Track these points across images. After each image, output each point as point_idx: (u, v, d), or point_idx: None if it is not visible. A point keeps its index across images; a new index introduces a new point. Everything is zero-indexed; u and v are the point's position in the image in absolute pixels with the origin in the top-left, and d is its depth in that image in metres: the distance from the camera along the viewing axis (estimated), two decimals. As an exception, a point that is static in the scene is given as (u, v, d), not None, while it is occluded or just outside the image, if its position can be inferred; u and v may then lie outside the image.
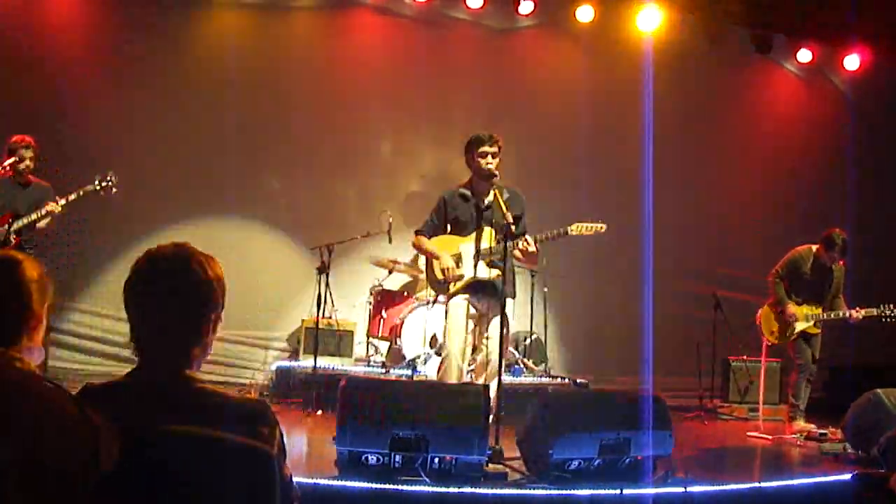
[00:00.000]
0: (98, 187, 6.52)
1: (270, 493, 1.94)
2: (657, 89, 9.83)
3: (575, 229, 5.44)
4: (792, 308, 7.31)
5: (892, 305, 7.18)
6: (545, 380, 8.17)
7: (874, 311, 7.18)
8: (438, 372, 5.73)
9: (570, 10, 9.46)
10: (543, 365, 8.62)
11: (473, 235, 5.62)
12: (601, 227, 5.48)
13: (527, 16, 9.55)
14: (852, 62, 10.18)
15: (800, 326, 7.32)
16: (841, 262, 7.35)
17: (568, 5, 9.49)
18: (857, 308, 7.26)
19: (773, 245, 7.74)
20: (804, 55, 10.28)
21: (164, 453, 1.84)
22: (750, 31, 10.01)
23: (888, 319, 7.19)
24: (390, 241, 8.15)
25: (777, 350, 7.82)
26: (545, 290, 8.71)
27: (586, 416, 4.89)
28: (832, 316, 7.30)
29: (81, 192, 6.44)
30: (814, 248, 7.34)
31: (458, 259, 5.64)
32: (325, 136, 9.07)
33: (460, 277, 5.59)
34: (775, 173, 10.21)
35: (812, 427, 7.17)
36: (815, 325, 7.33)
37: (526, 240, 5.41)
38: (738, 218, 10.01)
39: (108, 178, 6.53)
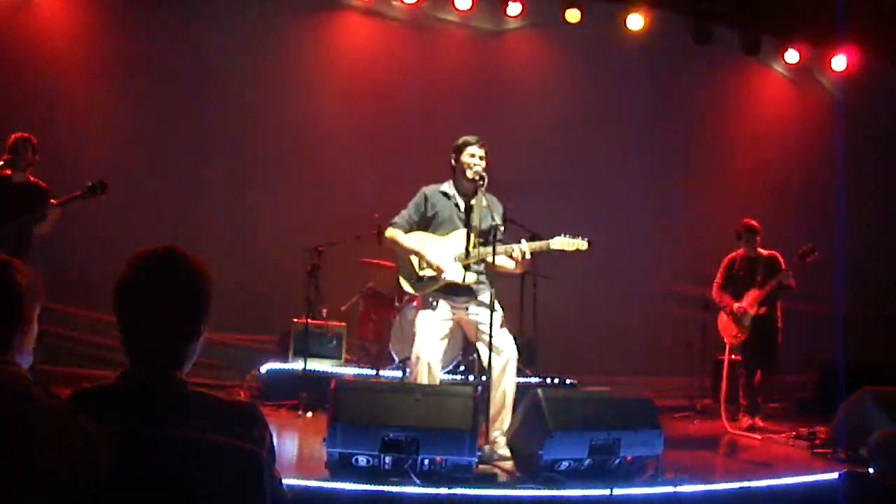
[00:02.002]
0: (87, 192, 6.39)
1: (260, 495, 1.94)
2: (645, 91, 9.88)
3: (556, 244, 5.43)
4: (736, 304, 7.63)
5: (808, 244, 7.32)
6: (535, 380, 8.17)
7: (795, 259, 7.39)
8: (411, 375, 5.56)
9: (559, 12, 9.47)
10: (533, 366, 8.62)
11: (451, 236, 5.53)
12: (582, 245, 5.45)
13: (515, 17, 9.56)
14: (840, 63, 10.22)
15: (750, 313, 7.54)
16: (757, 243, 7.70)
17: (556, 7, 9.51)
18: (781, 272, 7.49)
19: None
20: (792, 56, 10.32)
21: (155, 456, 1.84)
22: (738, 32, 10.05)
23: (808, 255, 7.32)
24: (380, 242, 8.13)
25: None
26: (534, 291, 8.71)
27: (576, 417, 4.91)
28: (768, 290, 7.49)
29: (70, 197, 6.34)
30: (737, 250, 7.86)
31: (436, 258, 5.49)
32: (313, 137, 9.05)
33: (437, 278, 5.45)
34: (764, 173, 10.24)
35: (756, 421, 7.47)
36: (759, 306, 7.53)
37: (522, 248, 5.35)
38: (726, 217, 10.02)
39: (98, 184, 6.40)
